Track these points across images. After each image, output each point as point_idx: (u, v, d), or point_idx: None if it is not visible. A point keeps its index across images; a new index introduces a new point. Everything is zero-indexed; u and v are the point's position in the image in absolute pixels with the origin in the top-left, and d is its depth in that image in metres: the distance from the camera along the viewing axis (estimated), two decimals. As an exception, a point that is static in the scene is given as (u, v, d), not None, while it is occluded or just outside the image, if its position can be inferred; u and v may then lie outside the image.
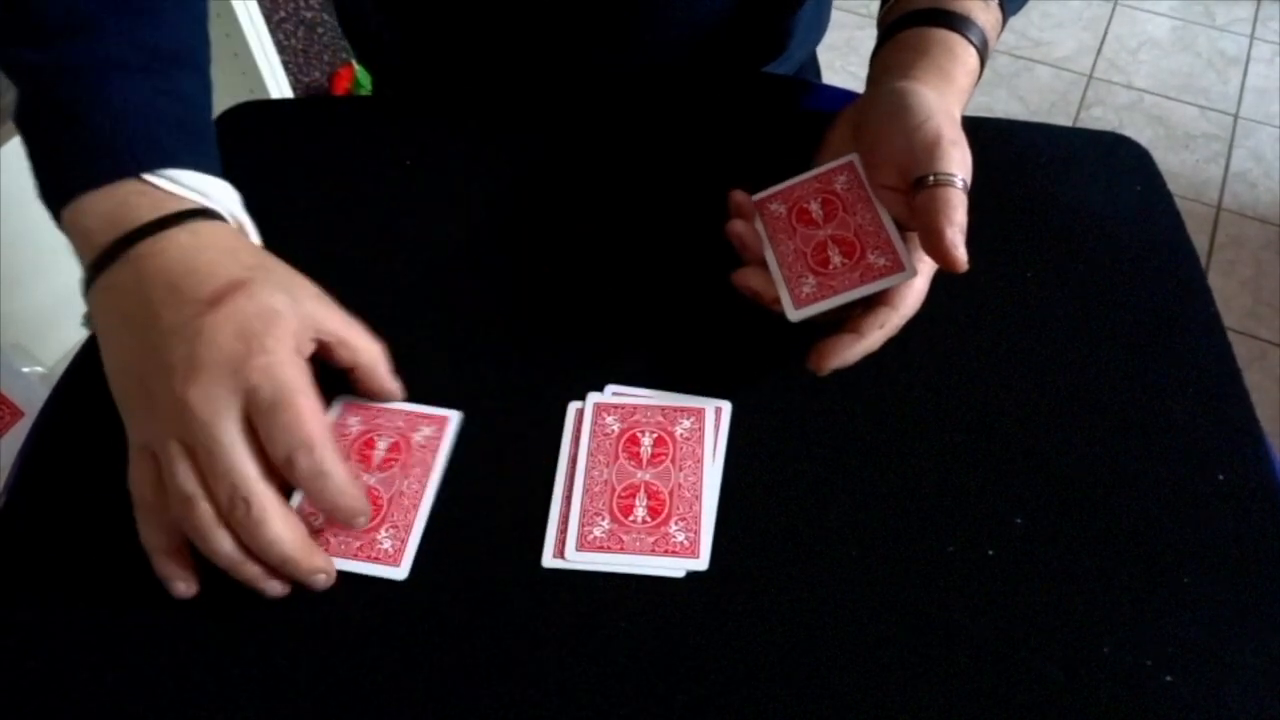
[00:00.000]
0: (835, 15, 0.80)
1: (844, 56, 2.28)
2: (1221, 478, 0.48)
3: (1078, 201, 0.61)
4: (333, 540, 0.45)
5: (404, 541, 0.45)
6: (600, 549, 0.45)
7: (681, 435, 0.49)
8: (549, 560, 0.45)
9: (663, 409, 0.50)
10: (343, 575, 0.44)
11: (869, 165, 0.51)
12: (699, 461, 0.48)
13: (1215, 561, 0.45)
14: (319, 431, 0.41)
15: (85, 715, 0.41)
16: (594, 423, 0.50)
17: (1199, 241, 1.88)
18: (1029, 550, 0.46)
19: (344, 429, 0.49)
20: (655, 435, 0.49)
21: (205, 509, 0.41)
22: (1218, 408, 0.51)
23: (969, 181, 0.48)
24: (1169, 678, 0.42)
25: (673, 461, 0.48)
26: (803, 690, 0.41)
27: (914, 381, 0.52)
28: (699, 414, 0.50)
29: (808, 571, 0.45)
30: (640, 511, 0.46)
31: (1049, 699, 0.41)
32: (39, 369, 1.42)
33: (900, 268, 0.47)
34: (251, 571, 0.42)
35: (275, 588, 0.43)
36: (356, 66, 1.87)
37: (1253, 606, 0.44)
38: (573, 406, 0.50)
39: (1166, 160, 2.05)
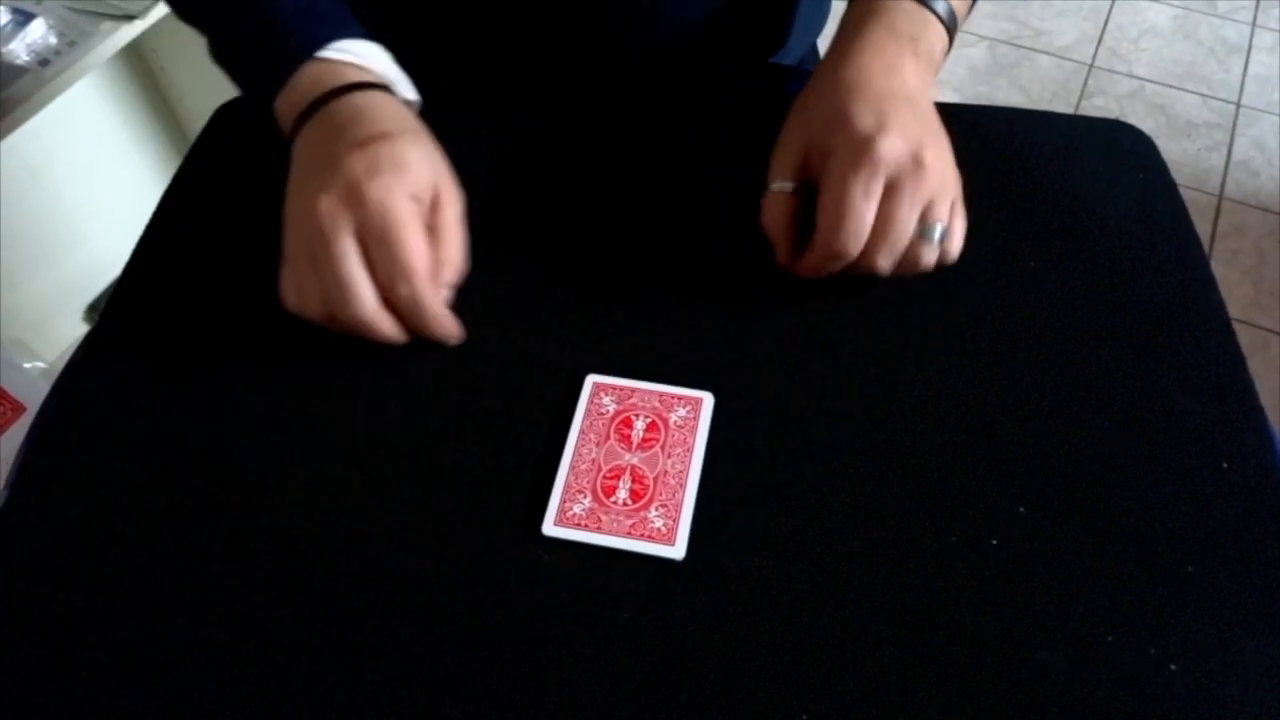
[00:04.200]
0: (835, 6, 0.79)
1: (844, 47, 2.26)
2: (1225, 466, 0.48)
3: (1081, 190, 0.61)
4: (604, 518, 0.46)
5: (675, 520, 0.46)
6: (578, 525, 0.46)
7: (675, 423, 0.49)
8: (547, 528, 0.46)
9: (660, 395, 0.50)
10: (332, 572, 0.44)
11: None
12: (689, 450, 0.48)
13: (1219, 549, 0.45)
14: (418, 263, 0.48)
15: (88, 711, 0.41)
16: (590, 401, 0.50)
17: (1201, 231, 1.87)
18: (1032, 540, 0.45)
19: (599, 408, 0.50)
20: (649, 420, 0.49)
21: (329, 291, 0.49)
22: (1221, 396, 0.51)
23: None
24: (1173, 666, 0.42)
25: (662, 448, 0.48)
26: (807, 680, 0.41)
27: (917, 371, 0.52)
28: (695, 404, 0.50)
29: (811, 563, 0.45)
30: (623, 494, 0.47)
31: (1053, 688, 0.41)
32: (40, 364, 1.42)
33: (670, 541, 0.45)
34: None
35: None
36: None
37: (1257, 594, 0.44)
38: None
39: (1168, 149, 2.04)
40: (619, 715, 0.41)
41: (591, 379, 0.51)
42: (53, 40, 1.17)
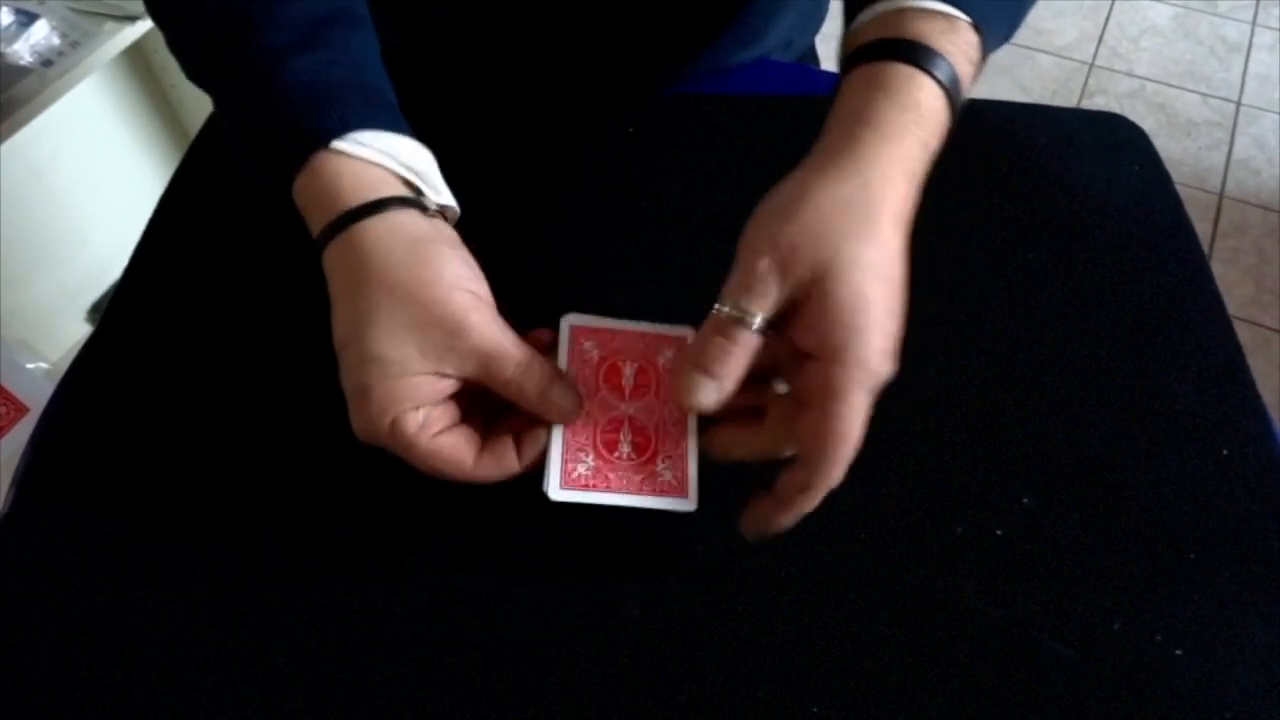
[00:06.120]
0: (833, 5, 0.79)
1: (845, 46, 2.27)
2: (1225, 453, 0.48)
3: (1077, 183, 0.61)
4: (611, 476, 0.43)
5: (684, 472, 0.43)
6: (586, 487, 0.42)
7: (664, 366, 0.46)
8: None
9: (643, 336, 0.46)
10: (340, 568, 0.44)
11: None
12: None
13: (1222, 536, 0.45)
14: (444, 471, 0.42)
15: (89, 712, 0.41)
16: (571, 348, 0.45)
17: (1202, 229, 1.87)
18: (1037, 530, 0.46)
19: (583, 354, 0.45)
20: (637, 366, 0.46)
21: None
22: (1220, 383, 0.51)
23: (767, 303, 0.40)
24: (1179, 651, 0.42)
25: (656, 395, 0.45)
26: (814, 675, 0.42)
27: (920, 364, 0.52)
28: (682, 343, 0.46)
29: (815, 557, 0.45)
30: (625, 447, 0.44)
31: (1061, 676, 0.41)
32: (43, 364, 1.42)
33: (683, 494, 0.43)
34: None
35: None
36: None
37: (1259, 579, 0.44)
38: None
39: (1169, 148, 2.04)
40: (620, 715, 0.41)
41: (568, 322, 0.46)
42: (55, 41, 1.17)
